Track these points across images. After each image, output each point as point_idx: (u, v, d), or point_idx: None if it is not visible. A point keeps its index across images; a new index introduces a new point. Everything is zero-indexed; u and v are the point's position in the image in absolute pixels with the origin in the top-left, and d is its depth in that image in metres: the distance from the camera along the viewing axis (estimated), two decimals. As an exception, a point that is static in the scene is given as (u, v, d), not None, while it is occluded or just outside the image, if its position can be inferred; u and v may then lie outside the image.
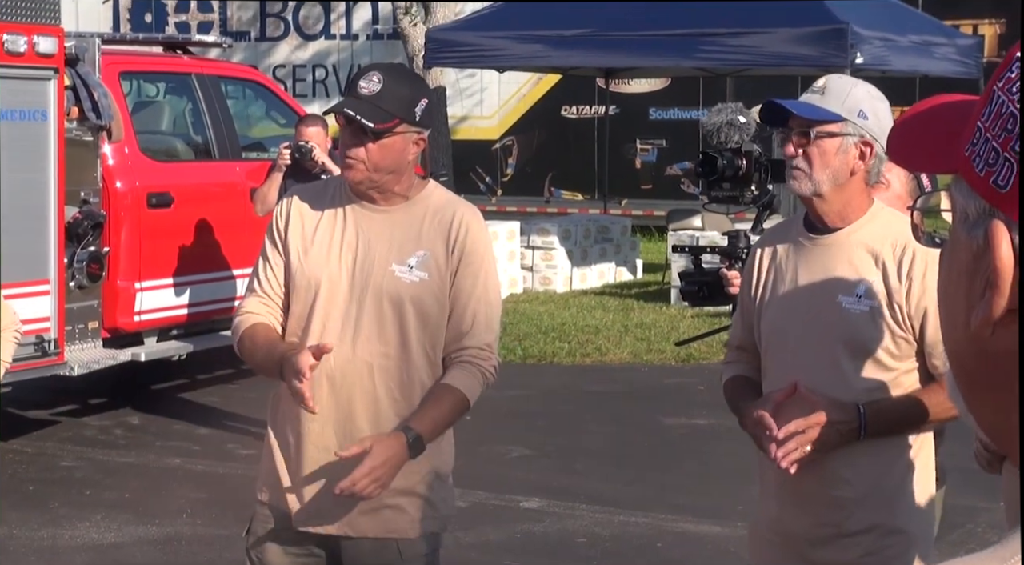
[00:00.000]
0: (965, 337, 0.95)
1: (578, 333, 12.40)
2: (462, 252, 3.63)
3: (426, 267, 3.61)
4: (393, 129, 3.52)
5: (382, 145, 3.53)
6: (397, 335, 3.58)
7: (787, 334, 3.48)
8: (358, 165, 3.53)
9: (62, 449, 8.69)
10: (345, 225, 3.63)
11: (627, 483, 7.91)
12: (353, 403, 3.57)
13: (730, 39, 14.32)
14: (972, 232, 0.95)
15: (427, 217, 3.65)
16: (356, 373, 3.57)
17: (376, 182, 3.57)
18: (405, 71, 3.81)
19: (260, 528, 3.73)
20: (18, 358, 8.08)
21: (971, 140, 0.96)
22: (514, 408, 9.77)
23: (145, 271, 9.39)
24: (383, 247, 3.60)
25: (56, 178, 8.46)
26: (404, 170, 3.61)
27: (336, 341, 3.55)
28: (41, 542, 6.91)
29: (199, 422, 9.36)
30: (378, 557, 3.63)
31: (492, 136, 22.20)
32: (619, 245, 16.21)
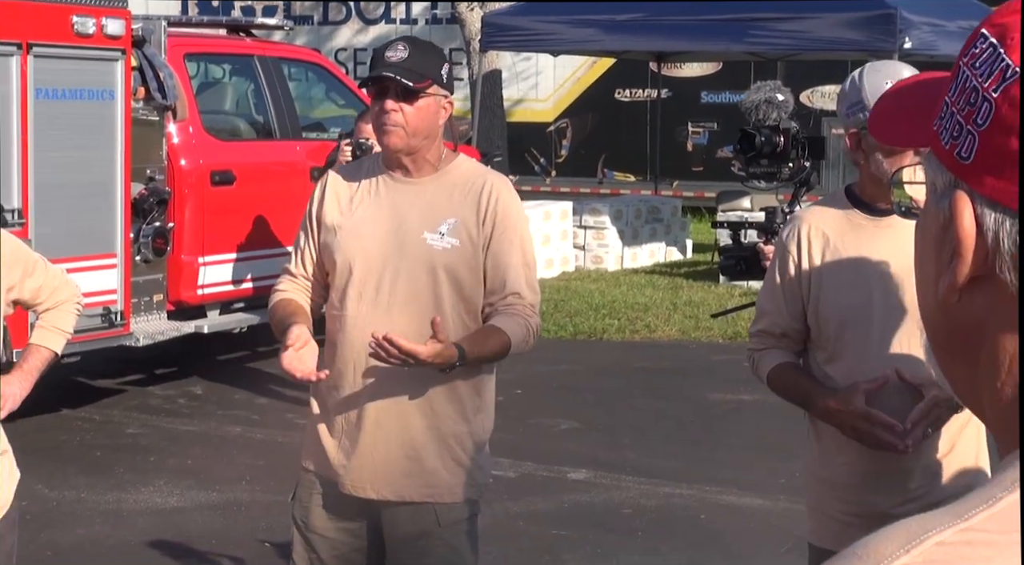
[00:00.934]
0: (935, 304, 0.98)
1: (628, 310, 12.39)
2: (494, 219, 3.64)
3: (456, 234, 3.63)
4: (427, 89, 3.57)
5: (418, 108, 3.58)
6: (432, 302, 3.60)
7: (870, 316, 3.34)
8: (397, 130, 3.57)
9: (128, 417, 8.79)
10: (379, 197, 3.67)
11: (672, 456, 7.91)
12: (390, 370, 3.59)
13: (780, 24, 14.24)
14: (939, 203, 0.97)
15: (457, 186, 3.67)
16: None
17: (413, 148, 3.61)
18: (422, 41, 3.86)
19: (305, 494, 3.77)
20: (86, 329, 8.19)
21: (939, 114, 0.98)
22: (564, 383, 9.78)
23: (208, 246, 9.46)
24: (415, 216, 3.63)
25: (123, 156, 8.53)
26: (435, 136, 3.66)
27: (372, 310, 3.58)
28: (107, 506, 6.99)
29: (259, 392, 9.43)
30: (416, 521, 3.66)
31: (547, 118, 22.18)
32: (669, 225, 16.16)
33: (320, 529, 3.74)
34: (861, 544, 0.88)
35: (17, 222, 7.84)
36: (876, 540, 0.88)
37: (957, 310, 0.95)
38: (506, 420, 8.65)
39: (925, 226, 0.99)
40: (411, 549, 3.68)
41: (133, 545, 6.36)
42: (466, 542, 3.71)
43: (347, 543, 3.74)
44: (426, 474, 3.64)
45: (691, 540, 6.44)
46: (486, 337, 3.58)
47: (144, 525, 6.69)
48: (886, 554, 0.86)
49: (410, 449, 3.63)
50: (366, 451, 3.63)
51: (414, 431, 3.63)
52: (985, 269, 0.93)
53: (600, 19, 14.93)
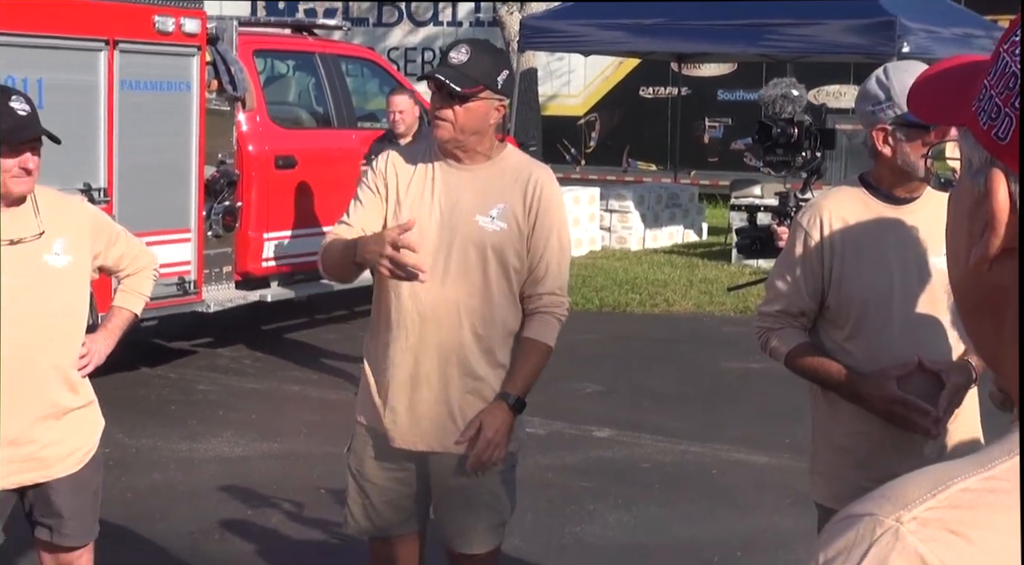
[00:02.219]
0: (965, 273, 0.96)
1: (648, 286, 12.36)
2: (538, 208, 3.64)
3: (505, 218, 3.62)
4: (478, 94, 3.53)
5: (467, 109, 3.53)
6: (480, 278, 3.60)
7: (891, 297, 3.26)
8: (446, 125, 3.54)
9: (199, 375, 8.83)
10: (435, 181, 3.64)
11: (687, 418, 7.90)
12: (442, 336, 3.59)
13: (790, 29, 14.14)
14: (975, 179, 0.95)
15: (506, 175, 3.66)
16: (445, 310, 3.59)
17: (461, 142, 3.58)
18: (490, 45, 3.80)
19: (359, 446, 3.77)
20: (163, 296, 8.23)
21: (978, 96, 0.96)
22: (590, 350, 9.77)
23: (272, 223, 9.48)
24: (468, 200, 3.61)
25: (197, 141, 8.55)
26: (486, 132, 3.61)
27: (427, 282, 3.57)
28: (180, 454, 7.03)
29: (315, 355, 9.46)
30: (462, 470, 3.66)
31: (578, 112, 22.12)
32: (687, 210, 16.11)
33: (373, 478, 3.74)
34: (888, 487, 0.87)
35: (103, 200, 7.87)
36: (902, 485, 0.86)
37: (986, 278, 0.94)
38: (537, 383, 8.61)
39: (959, 199, 0.98)
40: (457, 496, 3.69)
41: (203, 489, 6.40)
42: (506, 490, 3.73)
43: (397, 490, 3.74)
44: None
45: (703, 492, 6.44)
46: (525, 359, 3.62)
47: (213, 472, 6.72)
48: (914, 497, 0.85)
49: (455, 407, 3.64)
50: (414, 409, 3.64)
51: (458, 392, 3.63)
52: (1015, 242, 0.92)
53: (627, 23, 14.87)
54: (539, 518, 5.95)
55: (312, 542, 5.68)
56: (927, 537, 0.82)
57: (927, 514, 0.84)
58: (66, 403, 3.77)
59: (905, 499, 0.85)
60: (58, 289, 3.71)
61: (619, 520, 6.02)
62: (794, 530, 5.69)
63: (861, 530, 0.84)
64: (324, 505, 6.04)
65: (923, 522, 0.83)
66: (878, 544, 0.83)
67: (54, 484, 3.78)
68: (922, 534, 0.83)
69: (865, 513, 0.85)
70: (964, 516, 0.83)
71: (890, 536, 0.83)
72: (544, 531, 5.84)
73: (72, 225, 3.76)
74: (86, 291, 3.84)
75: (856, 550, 0.84)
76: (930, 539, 0.82)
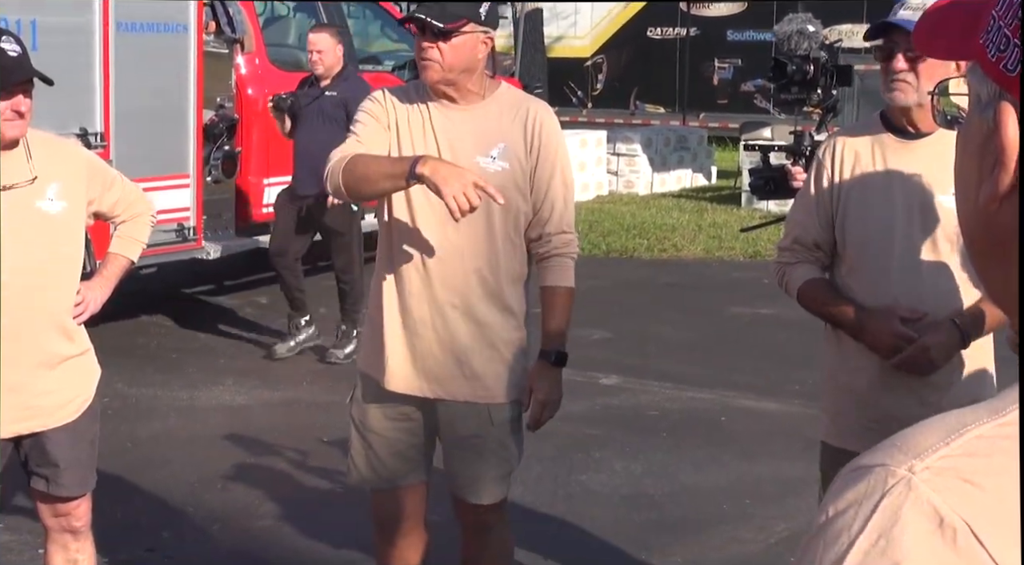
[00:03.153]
0: (975, 211, 0.93)
1: (656, 231, 12.33)
2: (539, 145, 3.61)
3: (507, 158, 3.59)
4: (461, 29, 3.48)
5: (453, 45, 3.49)
6: (484, 220, 3.56)
7: (892, 233, 3.28)
8: (433, 65, 3.50)
9: (200, 323, 8.83)
10: (431, 122, 3.60)
11: (695, 364, 7.89)
12: (446, 281, 3.57)
13: (802, -33, 13.99)
14: (983, 114, 0.92)
15: (504, 113, 3.62)
16: (449, 255, 3.56)
17: (452, 81, 3.54)
18: None
19: (362, 395, 3.74)
20: (162, 243, 8.20)
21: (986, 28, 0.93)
22: (597, 297, 9.75)
23: (272, 169, 9.43)
24: (467, 141, 3.57)
25: (195, 84, 8.49)
26: (475, 69, 3.56)
27: (428, 226, 3.54)
28: (181, 402, 7.05)
29: (319, 303, 9.44)
30: (470, 419, 3.65)
31: (584, 54, 21.97)
32: (696, 153, 16.04)
33: (376, 428, 3.72)
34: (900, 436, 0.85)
35: (99, 144, 7.83)
36: (915, 432, 0.84)
37: (996, 217, 0.91)
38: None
39: (968, 136, 0.95)
40: (466, 445, 3.68)
41: (204, 438, 6.42)
42: (514, 438, 3.72)
43: (402, 440, 3.72)
44: (478, 376, 3.63)
45: (711, 439, 6.44)
46: (551, 309, 3.67)
47: (214, 420, 6.74)
48: (926, 446, 0.83)
49: (462, 353, 3.62)
50: (421, 354, 3.62)
51: (466, 337, 3.61)
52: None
53: (634, -38, 14.74)
54: (545, 466, 5.95)
55: (315, 492, 5.70)
56: (940, 486, 0.80)
57: (940, 463, 0.81)
58: (62, 351, 3.75)
59: (918, 448, 0.82)
60: (52, 236, 3.68)
61: (626, 468, 6.03)
62: (804, 477, 5.69)
63: (872, 481, 0.82)
64: (327, 455, 6.06)
65: (936, 471, 0.81)
66: (890, 495, 0.81)
67: (50, 434, 3.78)
68: (935, 483, 0.80)
69: (876, 463, 0.83)
70: (979, 464, 0.81)
71: (902, 486, 0.81)
72: (550, 479, 5.85)
73: (66, 170, 3.73)
74: (81, 238, 3.82)
75: (867, 502, 0.82)
76: (944, 489, 0.80)
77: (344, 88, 7.68)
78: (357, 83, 7.68)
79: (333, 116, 7.56)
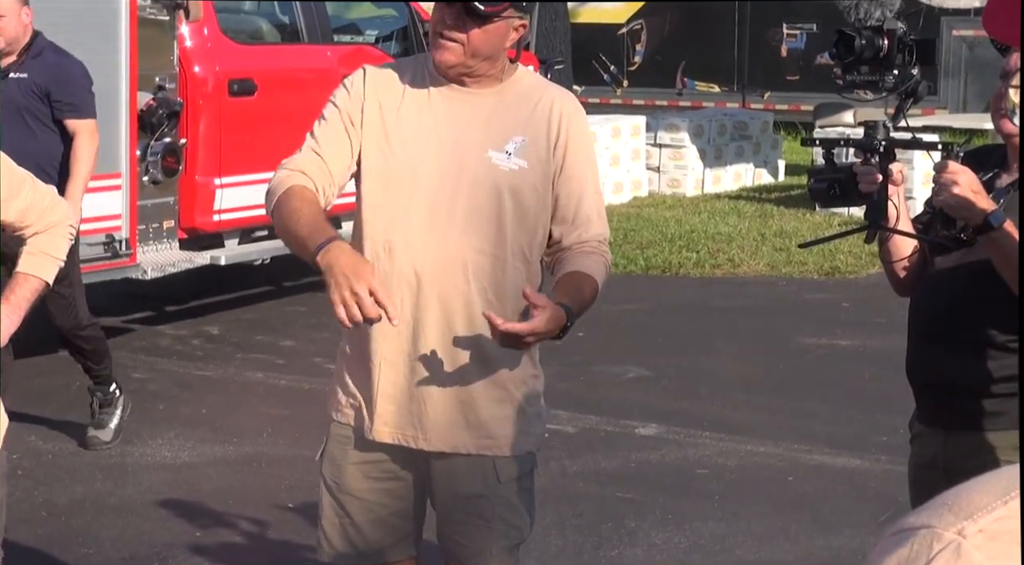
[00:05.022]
0: None
1: (708, 242, 12.36)
2: (566, 144, 3.65)
3: (524, 155, 3.62)
4: (501, 13, 3.53)
5: (486, 30, 3.53)
6: (494, 229, 3.59)
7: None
8: (455, 47, 3.53)
9: (134, 360, 8.87)
10: (432, 108, 3.63)
11: (756, 409, 7.91)
12: (444, 304, 3.59)
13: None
14: None
15: (522, 101, 3.66)
16: (447, 271, 3.58)
17: (470, 67, 3.58)
18: None
19: (337, 450, 3.75)
20: (86, 259, 8.26)
21: None
22: (633, 324, 9.78)
23: (226, 166, 9.49)
24: (477, 132, 3.61)
25: (128, 61, 8.56)
26: (500, 55, 3.62)
27: (425, 235, 3.57)
28: (109, 459, 7.08)
29: (283, 333, 9.50)
30: (472, 476, 3.67)
31: (618, 19, 22.05)
32: (759, 143, 16.08)
33: (355, 490, 3.74)
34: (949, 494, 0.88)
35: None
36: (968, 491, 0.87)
37: None
38: (566, 367, 8.69)
39: None
40: (467, 507, 3.70)
41: (139, 505, 6.45)
42: (525, 501, 3.74)
43: (386, 505, 3.74)
44: (483, 423, 3.65)
45: (776, 505, 6.46)
46: (579, 286, 3.59)
47: (151, 482, 6.76)
48: (981, 505, 0.85)
49: (464, 394, 3.64)
50: (414, 396, 3.63)
51: (468, 374, 3.63)
52: None
53: (680, -97, 14.82)
54: (567, 538, 5.98)
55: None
56: (995, 553, 0.83)
57: (996, 526, 0.84)
58: (-41, 397, 3.79)
59: (971, 508, 0.85)
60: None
61: (668, 541, 6.05)
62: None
63: (916, 546, 0.85)
64: (292, 525, 6.08)
65: (991, 535, 0.84)
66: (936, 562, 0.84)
67: (-56, 499, 3.81)
68: (989, 549, 0.83)
69: (921, 525, 0.86)
70: None
71: (950, 553, 0.84)
72: (573, 554, 5.87)
73: (-37, 170, 3.77)
74: (-18, 254, 3.86)
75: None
76: (999, 555, 0.83)
77: (38, 67, 7.23)
78: (58, 58, 7.30)
79: (27, 108, 7.16)
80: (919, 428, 3.89)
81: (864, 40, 3.74)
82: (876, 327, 9.22)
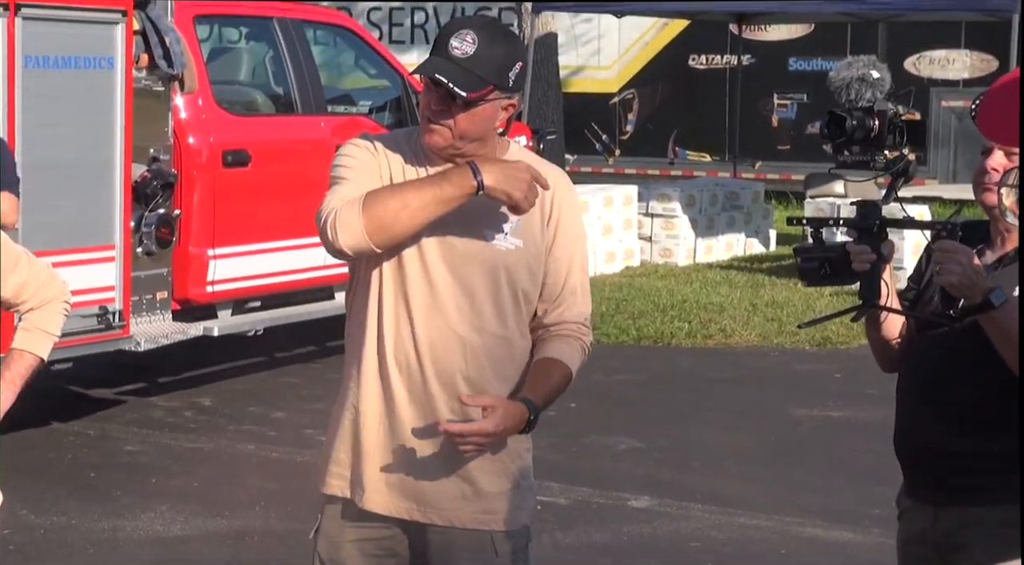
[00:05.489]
0: None
1: (700, 312, 12.37)
2: (558, 222, 3.69)
3: (520, 234, 3.65)
4: (486, 97, 3.56)
5: (472, 114, 3.55)
6: (492, 307, 3.61)
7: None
8: (442, 130, 3.56)
9: (127, 432, 8.85)
10: None
11: (749, 481, 7.89)
12: (443, 381, 3.60)
13: (881, -21, 14.16)
14: None
15: None
16: (446, 348, 3.60)
17: (459, 149, 3.61)
18: (500, 28, 3.79)
19: (333, 526, 3.74)
20: (80, 331, 8.26)
21: None
22: (624, 395, 9.77)
23: (219, 237, 9.51)
24: (476, 213, 3.63)
25: (123, 132, 8.58)
26: (490, 137, 3.64)
27: (423, 313, 3.59)
28: (101, 534, 7.05)
29: (276, 405, 9.48)
30: (472, 550, 3.66)
31: (610, 89, 22.15)
32: (750, 213, 16.12)
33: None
34: None
35: (2, 209, 7.91)
36: None
37: None
38: (557, 438, 8.68)
39: None
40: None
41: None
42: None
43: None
44: (481, 496, 3.65)
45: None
46: (548, 375, 3.63)
47: (144, 557, 6.74)
48: None
49: (462, 468, 3.64)
50: (411, 469, 3.64)
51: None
52: None
53: (671, -25, 14.92)
54: (559, 613, 5.95)
55: (269, 646, 5.70)
56: None
57: None
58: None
59: None
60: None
61: (661, 615, 6.03)
62: (885, 627, 5.70)
63: None
64: (284, 598, 6.06)
65: None
66: None
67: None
68: None
69: None
70: None
71: None
72: (565, 630, 5.85)
73: (-42, 247, 3.79)
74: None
75: None
76: None
77: None
78: None
79: None
80: (907, 503, 3.89)
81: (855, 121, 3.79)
82: (868, 398, 9.21)
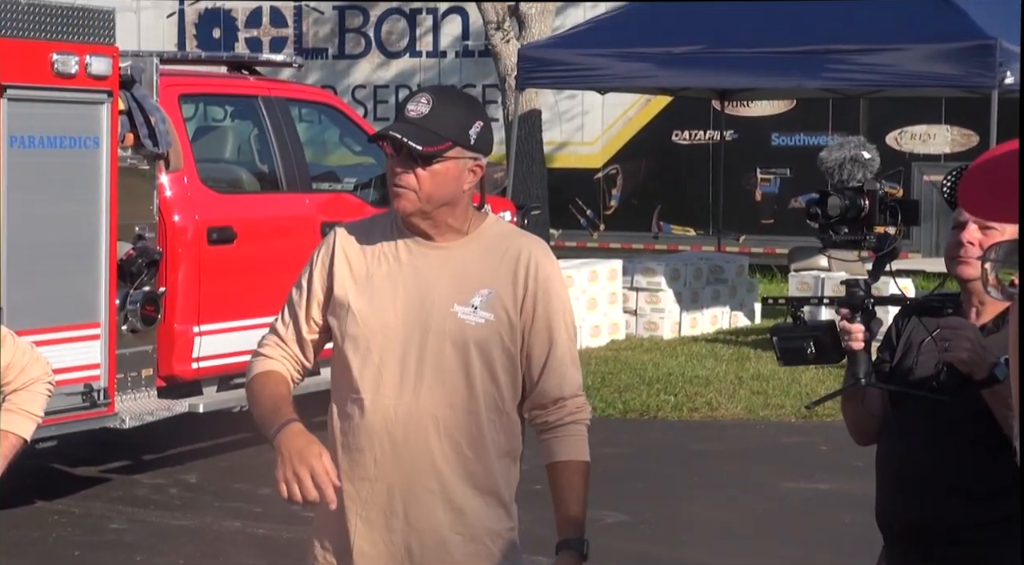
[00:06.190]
0: None
1: (686, 385, 12.37)
2: (535, 292, 3.67)
3: (491, 307, 3.65)
4: (444, 153, 3.57)
5: (433, 172, 3.57)
6: (463, 383, 3.62)
7: None
8: (408, 194, 3.58)
9: (112, 510, 8.81)
10: (399, 264, 3.67)
11: (736, 556, 7.87)
12: (418, 461, 3.60)
13: (862, 57, 14.24)
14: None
15: (490, 252, 3.69)
16: (420, 427, 3.60)
17: (428, 214, 3.62)
18: (457, 92, 3.90)
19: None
20: (65, 409, 8.23)
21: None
22: (611, 468, 9.73)
23: (205, 314, 9.51)
24: (443, 286, 3.64)
25: (108, 211, 8.59)
26: (459, 201, 3.65)
27: (394, 391, 3.59)
28: (85, 612, 7.01)
29: (262, 481, 9.42)
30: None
31: (594, 164, 22.24)
32: (735, 287, 16.15)
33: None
34: None
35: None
36: None
37: None
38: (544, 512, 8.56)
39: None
40: None
41: (115, 658, 6.36)
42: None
43: None
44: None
45: (758, 653, 6.41)
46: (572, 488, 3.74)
47: (128, 635, 6.69)
48: None
49: (441, 549, 3.64)
50: (392, 553, 3.64)
51: (443, 529, 3.64)
52: None
53: (654, 52, 14.99)
54: None
55: None
56: None
57: None
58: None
59: None
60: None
61: None
62: None
63: None
64: None
65: None
66: None
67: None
68: None
69: None
70: None
71: None
72: None
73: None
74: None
75: None
76: None
77: None
78: None
79: None
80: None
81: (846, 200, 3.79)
82: (854, 470, 9.18)
